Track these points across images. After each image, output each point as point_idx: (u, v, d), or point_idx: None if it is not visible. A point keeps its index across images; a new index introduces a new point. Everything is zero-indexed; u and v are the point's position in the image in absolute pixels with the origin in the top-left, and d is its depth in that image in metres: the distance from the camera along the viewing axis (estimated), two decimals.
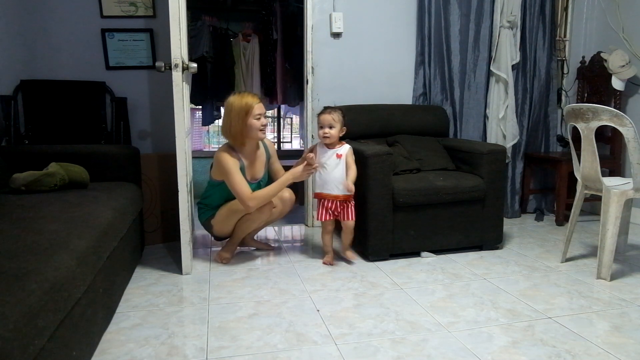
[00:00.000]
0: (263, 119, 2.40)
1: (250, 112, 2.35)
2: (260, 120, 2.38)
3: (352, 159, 2.43)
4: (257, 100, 2.39)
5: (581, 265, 2.46)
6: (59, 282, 1.13)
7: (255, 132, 2.38)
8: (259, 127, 2.37)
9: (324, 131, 2.40)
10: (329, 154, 2.42)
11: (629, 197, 2.20)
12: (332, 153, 2.41)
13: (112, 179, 2.40)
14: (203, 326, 1.76)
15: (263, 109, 2.41)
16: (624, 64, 3.22)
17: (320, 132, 2.42)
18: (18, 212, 1.64)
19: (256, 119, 2.36)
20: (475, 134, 3.42)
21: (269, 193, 2.36)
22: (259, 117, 2.37)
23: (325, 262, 2.49)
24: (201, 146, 5.07)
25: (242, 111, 2.34)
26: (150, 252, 2.67)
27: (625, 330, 1.74)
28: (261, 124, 2.38)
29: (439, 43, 3.27)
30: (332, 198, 2.42)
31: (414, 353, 1.57)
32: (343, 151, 2.42)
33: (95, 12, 2.96)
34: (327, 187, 2.42)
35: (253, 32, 4.52)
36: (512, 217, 3.49)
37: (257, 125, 2.37)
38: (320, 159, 2.42)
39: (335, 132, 2.40)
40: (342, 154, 2.41)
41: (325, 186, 2.43)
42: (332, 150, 2.42)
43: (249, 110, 2.34)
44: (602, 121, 2.14)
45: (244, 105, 2.35)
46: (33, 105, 2.83)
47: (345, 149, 2.43)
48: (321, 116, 2.42)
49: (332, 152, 2.41)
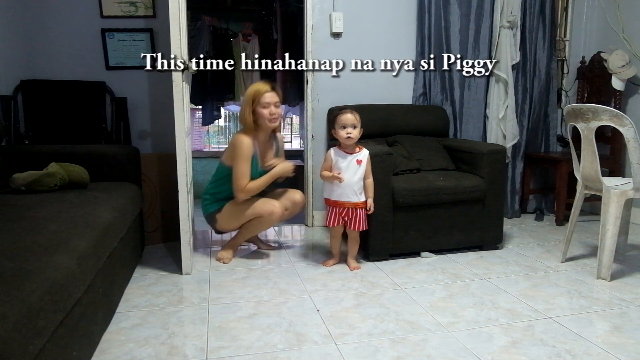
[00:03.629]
0: (273, 108, 2.37)
1: (257, 100, 2.35)
2: (269, 109, 2.36)
3: (370, 166, 2.33)
4: (268, 88, 2.37)
5: (581, 265, 2.46)
6: (59, 282, 1.13)
7: (263, 120, 2.37)
8: (267, 116, 2.36)
9: (347, 131, 2.25)
10: (348, 160, 2.29)
11: (629, 197, 2.20)
12: (352, 159, 2.29)
13: (112, 179, 2.40)
14: (203, 326, 1.76)
15: (275, 98, 2.39)
16: (624, 64, 3.23)
17: (343, 132, 2.26)
18: (18, 212, 1.64)
19: (264, 107, 2.35)
20: (475, 134, 3.42)
21: (259, 185, 2.39)
22: (268, 105, 2.35)
23: (326, 264, 2.43)
24: (201, 146, 5.07)
25: (250, 98, 2.37)
26: (150, 252, 2.67)
27: (625, 330, 1.74)
28: (270, 113, 2.36)
29: (439, 43, 3.27)
30: (349, 205, 2.32)
31: (414, 353, 1.57)
32: (363, 157, 2.31)
33: (95, 12, 2.96)
34: (345, 194, 2.30)
35: (253, 32, 4.52)
36: (512, 217, 3.49)
37: (265, 114, 2.36)
38: (340, 165, 2.29)
39: (357, 133, 2.27)
40: (362, 159, 2.30)
41: (342, 193, 2.30)
42: (351, 155, 2.30)
43: (256, 98, 2.35)
44: (602, 121, 2.14)
45: (252, 92, 2.37)
46: (33, 105, 2.83)
47: (365, 155, 2.32)
48: (343, 116, 2.27)
49: (352, 157, 2.29)
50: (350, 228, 2.36)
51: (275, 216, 2.41)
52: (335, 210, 2.34)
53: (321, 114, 3.16)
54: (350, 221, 2.34)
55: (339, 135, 2.29)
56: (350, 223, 2.34)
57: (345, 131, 2.26)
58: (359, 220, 2.33)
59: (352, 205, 2.32)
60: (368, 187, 2.34)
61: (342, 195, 2.31)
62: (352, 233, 2.38)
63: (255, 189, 2.40)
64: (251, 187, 2.38)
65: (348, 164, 2.29)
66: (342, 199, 2.31)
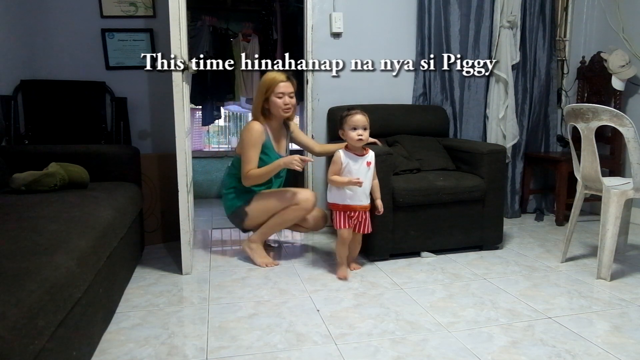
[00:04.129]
0: (287, 98, 2.36)
1: (272, 89, 2.34)
2: (284, 99, 2.35)
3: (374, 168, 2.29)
4: (283, 78, 2.36)
5: (581, 265, 2.46)
6: (59, 282, 1.13)
7: (277, 109, 2.37)
8: (281, 106, 2.36)
9: (359, 133, 2.16)
10: (359, 162, 2.21)
11: (629, 197, 2.20)
12: (362, 161, 2.21)
13: (112, 179, 2.40)
14: (203, 326, 1.76)
15: (290, 88, 2.38)
16: (624, 64, 3.23)
17: (354, 134, 2.17)
18: (18, 212, 1.64)
19: (278, 97, 2.34)
20: (475, 134, 3.42)
21: (262, 173, 2.34)
22: (282, 95, 2.35)
23: (341, 276, 2.27)
24: (201, 146, 5.07)
25: (264, 86, 2.36)
26: (150, 252, 2.67)
27: (625, 330, 1.74)
28: (284, 103, 2.36)
29: (439, 43, 3.27)
30: (361, 209, 2.24)
31: (414, 353, 1.57)
32: (372, 158, 2.25)
33: (95, 12, 2.96)
34: (357, 197, 2.21)
35: (253, 32, 4.52)
36: (512, 217, 3.49)
37: (280, 104, 2.35)
38: (351, 168, 2.19)
39: (368, 135, 2.21)
40: (371, 161, 2.24)
41: (354, 197, 2.20)
42: (362, 157, 2.22)
43: (270, 86, 2.34)
44: (602, 121, 2.14)
45: (268, 80, 2.36)
46: (33, 105, 2.83)
47: (373, 156, 2.26)
48: (354, 117, 2.17)
49: (363, 160, 2.21)
50: (359, 231, 2.29)
51: (310, 203, 2.37)
52: (344, 213, 2.24)
53: (321, 114, 3.16)
54: (360, 224, 2.27)
55: (349, 136, 2.19)
56: (359, 227, 2.28)
57: (356, 133, 2.17)
58: (367, 223, 2.29)
59: (363, 209, 2.25)
60: (376, 188, 2.31)
61: (354, 199, 2.21)
62: (357, 236, 2.33)
63: (257, 175, 2.33)
64: (253, 174, 2.33)
65: (359, 166, 2.21)
66: (354, 203, 2.21)
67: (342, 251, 2.29)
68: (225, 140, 5.27)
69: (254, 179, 2.35)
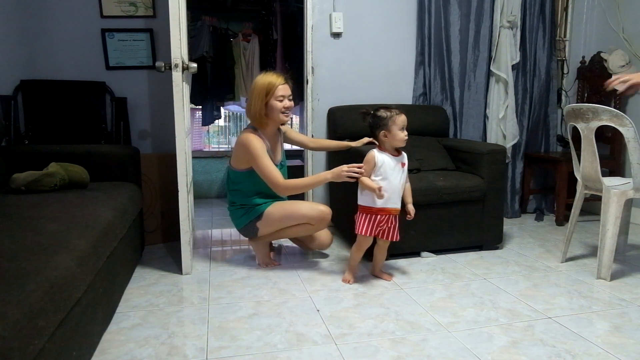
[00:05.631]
0: (287, 101, 2.27)
1: (271, 92, 2.24)
2: (284, 102, 2.26)
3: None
4: (281, 80, 2.27)
5: (581, 265, 2.46)
6: (59, 282, 1.13)
7: (276, 114, 2.26)
8: (280, 109, 2.26)
9: (405, 134, 2.08)
10: (394, 163, 2.10)
11: (629, 197, 2.20)
12: (397, 161, 2.11)
13: (112, 179, 2.40)
14: (203, 326, 1.76)
15: (288, 90, 2.29)
16: (624, 64, 3.23)
17: (403, 134, 2.07)
18: (18, 212, 1.64)
19: (278, 100, 2.25)
20: (475, 134, 3.42)
21: (304, 184, 2.27)
22: (282, 98, 2.25)
23: (345, 280, 2.22)
24: (201, 146, 5.07)
25: (263, 90, 2.24)
26: (150, 252, 2.67)
27: (625, 330, 1.74)
28: (283, 106, 2.26)
29: (439, 43, 3.27)
30: (394, 212, 2.13)
31: (414, 353, 1.57)
32: (406, 160, 2.16)
33: (95, 12, 2.96)
34: (392, 200, 2.10)
35: (253, 32, 4.52)
36: (512, 217, 3.49)
37: (279, 107, 2.25)
38: (386, 169, 2.08)
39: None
40: (405, 163, 2.15)
41: (389, 200, 2.09)
42: (396, 158, 2.11)
43: (270, 90, 2.24)
44: (602, 121, 2.14)
45: (266, 84, 2.24)
46: (33, 105, 2.83)
47: (406, 157, 2.17)
48: (401, 117, 2.07)
49: (398, 160, 2.11)
50: (387, 238, 2.16)
51: (324, 223, 2.31)
52: (372, 218, 2.11)
53: (321, 114, 3.16)
54: (388, 230, 2.14)
55: (398, 137, 2.07)
56: (388, 233, 2.15)
57: (404, 133, 2.07)
58: (396, 230, 2.16)
59: (396, 212, 2.14)
60: (408, 191, 2.21)
61: (389, 201, 2.09)
62: (385, 244, 2.21)
63: (299, 186, 2.22)
64: (292, 185, 2.21)
65: (394, 167, 2.09)
66: (389, 206, 2.10)
67: (357, 256, 2.21)
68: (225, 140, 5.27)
69: (293, 189, 2.22)
